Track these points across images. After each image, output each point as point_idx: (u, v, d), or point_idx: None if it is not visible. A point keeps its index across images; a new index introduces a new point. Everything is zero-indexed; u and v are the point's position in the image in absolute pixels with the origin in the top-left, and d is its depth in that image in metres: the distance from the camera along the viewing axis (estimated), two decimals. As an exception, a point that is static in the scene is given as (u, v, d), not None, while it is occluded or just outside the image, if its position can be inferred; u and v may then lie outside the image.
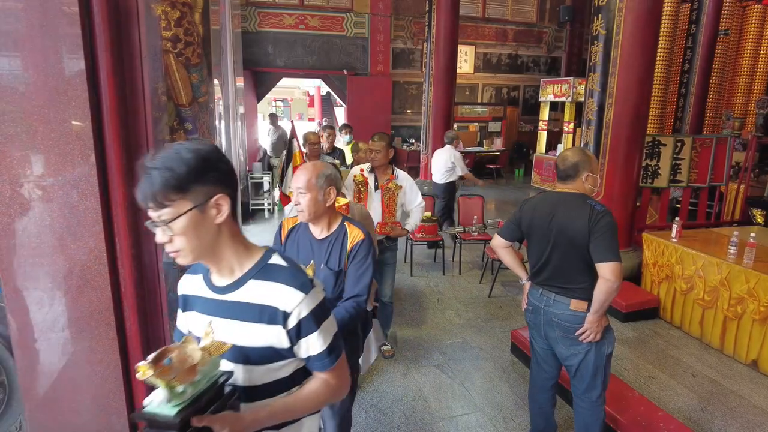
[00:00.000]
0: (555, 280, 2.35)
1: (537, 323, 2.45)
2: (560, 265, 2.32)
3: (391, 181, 3.48)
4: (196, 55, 2.19)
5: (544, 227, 2.35)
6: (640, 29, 4.46)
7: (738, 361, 3.73)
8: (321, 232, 2.08)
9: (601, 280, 2.18)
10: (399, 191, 3.49)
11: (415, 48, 12.29)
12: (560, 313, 2.33)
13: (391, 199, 3.47)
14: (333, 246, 2.05)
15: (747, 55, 9.31)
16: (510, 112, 13.52)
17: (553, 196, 2.40)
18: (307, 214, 1.99)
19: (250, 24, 10.88)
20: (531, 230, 2.42)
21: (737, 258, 3.80)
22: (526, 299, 2.53)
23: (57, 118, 1.76)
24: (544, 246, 2.35)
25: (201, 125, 2.30)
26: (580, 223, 2.21)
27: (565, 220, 2.27)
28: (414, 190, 3.55)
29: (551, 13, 13.25)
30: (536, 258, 2.41)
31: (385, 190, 3.47)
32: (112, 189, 1.87)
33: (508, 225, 2.54)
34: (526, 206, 2.48)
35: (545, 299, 2.39)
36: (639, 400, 2.92)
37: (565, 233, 2.27)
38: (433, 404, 3.15)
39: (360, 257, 2.03)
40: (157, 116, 1.98)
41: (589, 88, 4.91)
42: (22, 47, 1.73)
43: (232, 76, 5.77)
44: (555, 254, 2.32)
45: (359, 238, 2.04)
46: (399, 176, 3.52)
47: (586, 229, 2.19)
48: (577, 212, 2.24)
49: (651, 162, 5.20)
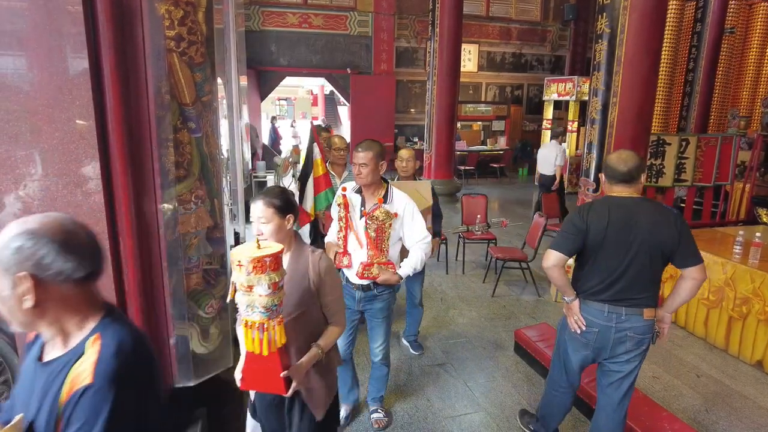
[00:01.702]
0: (627, 293, 2.20)
1: (604, 343, 2.27)
2: (637, 277, 2.17)
3: (379, 208, 2.49)
4: (199, 54, 2.19)
5: (623, 238, 2.15)
6: (645, 27, 4.43)
7: (743, 362, 3.71)
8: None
9: (691, 282, 2.14)
10: (391, 221, 2.51)
11: (418, 47, 12.28)
12: (635, 326, 2.21)
13: (380, 231, 2.50)
14: None
15: (753, 54, 9.25)
16: (514, 110, 13.49)
17: (626, 202, 2.20)
18: None
19: (253, 23, 10.90)
20: (604, 242, 2.18)
21: (742, 258, 3.78)
22: (581, 320, 2.31)
23: (61, 117, 1.77)
24: (621, 258, 2.16)
25: (204, 124, 2.30)
26: (669, 230, 2.11)
27: (652, 227, 2.12)
28: (416, 219, 2.57)
29: (555, 12, 13.21)
30: (608, 272, 2.20)
31: (371, 219, 2.49)
32: (116, 188, 1.87)
33: (568, 238, 2.24)
34: (590, 215, 2.21)
35: (615, 316, 2.22)
36: (643, 400, 2.91)
37: (650, 242, 2.13)
38: (437, 403, 3.15)
39: None
40: (161, 115, 1.98)
41: (593, 87, 4.89)
42: (27, 46, 1.73)
43: (236, 75, 5.77)
44: (634, 266, 2.16)
45: None
46: (394, 200, 2.55)
47: (676, 235, 2.11)
48: (663, 218, 2.13)
49: (655, 161, 5.18)
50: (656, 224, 2.13)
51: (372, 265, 2.52)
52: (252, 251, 1.50)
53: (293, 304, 1.79)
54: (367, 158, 2.45)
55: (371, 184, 2.51)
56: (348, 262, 2.57)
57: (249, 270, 1.47)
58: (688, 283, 2.16)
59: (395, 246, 2.62)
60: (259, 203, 1.78)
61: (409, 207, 2.56)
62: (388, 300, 2.69)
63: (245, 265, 1.47)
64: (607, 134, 4.71)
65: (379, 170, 2.51)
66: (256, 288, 1.49)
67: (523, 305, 4.73)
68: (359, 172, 2.46)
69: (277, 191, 1.83)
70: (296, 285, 1.80)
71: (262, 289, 1.49)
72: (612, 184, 2.26)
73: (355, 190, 2.60)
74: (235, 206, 5.12)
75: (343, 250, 2.57)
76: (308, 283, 1.82)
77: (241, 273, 1.49)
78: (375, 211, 2.49)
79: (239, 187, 5.44)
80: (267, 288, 1.49)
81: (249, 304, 1.52)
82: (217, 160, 2.55)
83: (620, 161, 2.21)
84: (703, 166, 5.38)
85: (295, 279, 1.81)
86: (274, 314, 1.55)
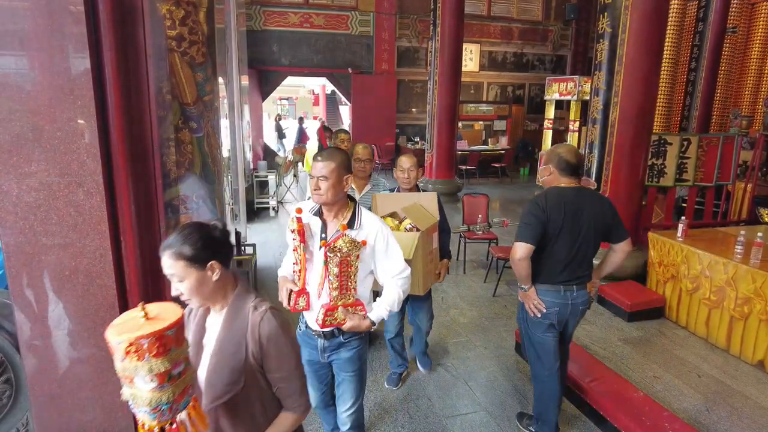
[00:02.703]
0: (577, 272, 2.48)
1: (563, 318, 2.54)
2: (584, 257, 2.48)
3: (342, 236, 1.92)
4: (200, 54, 2.19)
5: (575, 224, 2.40)
6: (646, 27, 4.43)
7: (744, 362, 3.70)
8: None
9: (621, 253, 2.53)
10: (359, 251, 1.94)
11: (420, 46, 12.28)
12: (584, 299, 2.55)
13: (345, 265, 1.92)
14: None
15: (755, 53, 9.23)
16: (515, 110, 13.48)
17: (573, 192, 2.44)
18: None
19: (255, 22, 10.90)
20: (562, 229, 2.39)
21: (744, 258, 3.77)
22: (540, 303, 2.50)
23: (63, 116, 1.77)
24: (574, 242, 2.42)
25: (206, 124, 2.31)
26: (606, 214, 2.46)
27: (594, 213, 2.43)
28: (392, 249, 2.05)
29: (557, 11, 13.19)
30: (564, 256, 2.43)
31: (332, 251, 1.90)
32: (117, 187, 1.88)
33: (533, 228, 2.39)
34: (548, 205, 2.40)
35: (569, 294, 2.49)
36: (644, 400, 2.91)
37: (594, 226, 2.43)
38: (438, 403, 3.15)
39: None
40: (162, 115, 1.99)
41: (594, 87, 4.88)
42: (28, 46, 1.74)
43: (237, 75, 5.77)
44: (582, 248, 2.45)
45: None
46: (363, 224, 2.02)
47: (611, 217, 2.46)
48: (600, 204, 2.47)
49: (657, 161, 5.17)
50: (597, 210, 2.44)
51: (336, 309, 1.97)
52: (128, 326, 1.09)
53: (224, 384, 1.37)
54: (327, 170, 1.91)
55: (333, 203, 1.98)
56: (306, 304, 2.02)
57: (121, 355, 1.06)
58: (619, 254, 2.54)
59: (365, 281, 2.08)
60: (164, 257, 1.33)
61: (383, 233, 2.03)
62: (358, 349, 2.15)
63: (114, 347, 1.06)
64: (609, 134, 4.71)
65: (343, 186, 1.97)
66: (136, 380, 1.09)
67: (524, 305, 4.72)
68: (317, 187, 1.92)
69: (185, 234, 1.34)
70: (227, 357, 1.37)
71: (141, 381, 1.09)
72: (562, 175, 2.46)
73: (313, 211, 2.05)
74: (236, 206, 5.13)
75: (300, 288, 2.01)
76: (244, 354, 1.37)
77: (115, 357, 1.08)
78: (337, 241, 1.90)
79: (240, 186, 5.45)
80: (148, 381, 1.09)
81: (133, 399, 1.12)
82: (218, 160, 2.55)
83: (572, 155, 2.45)
84: (704, 166, 5.37)
85: (227, 349, 1.37)
86: (168, 414, 1.14)
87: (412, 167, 3.13)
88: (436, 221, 2.91)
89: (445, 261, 3.13)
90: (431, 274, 2.96)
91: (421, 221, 2.71)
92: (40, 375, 2.00)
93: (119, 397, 1.13)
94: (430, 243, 2.82)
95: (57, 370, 2.00)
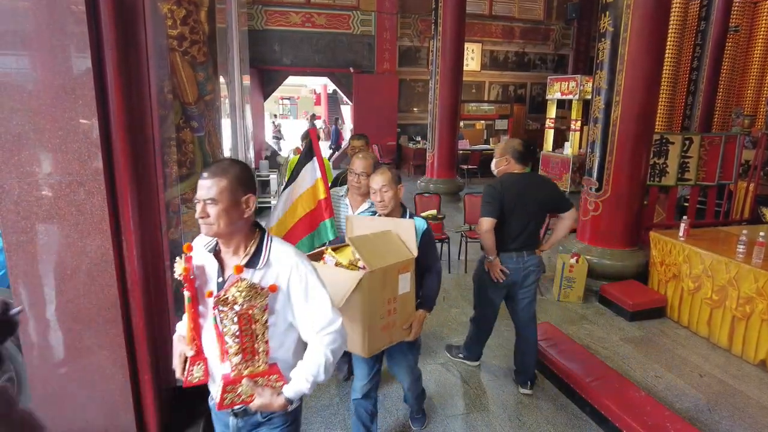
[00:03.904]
0: (527, 240, 3.01)
1: (516, 279, 3.05)
2: (533, 229, 3.02)
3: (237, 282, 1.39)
4: (202, 54, 2.20)
5: (525, 202, 2.94)
6: (648, 26, 4.42)
7: (746, 362, 3.70)
8: None
9: (568, 221, 3.06)
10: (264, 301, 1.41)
11: (421, 46, 12.27)
12: (534, 262, 3.05)
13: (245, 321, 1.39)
14: None
15: (757, 52, 9.20)
16: (517, 109, 13.47)
17: (524, 176, 3.01)
18: None
19: (256, 22, 10.91)
20: (515, 207, 2.92)
21: (746, 257, 3.76)
22: (505, 270, 3.01)
23: (64, 116, 1.78)
24: (524, 217, 2.96)
25: (207, 123, 2.31)
26: (550, 192, 3.03)
27: (541, 192, 3.00)
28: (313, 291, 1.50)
29: (558, 11, 13.17)
30: (518, 228, 2.97)
31: (223, 303, 1.36)
32: (118, 187, 1.88)
33: (493, 205, 2.90)
34: (503, 188, 2.93)
35: (522, 259, 3.02)
36: (645, 399, 2.90)
37: (540, 202, 2.99)
38: (438, 402, 3.15)
39: None
40: (164, 114, 1.99)
41: (596, 86, 4.87)
42: (30, 46, 1.74)
43: (239, 75, 5.78)
44: (531, 221, 2.99)
45: None
46: (271, 261, 1.48)
47: (555, 195, 3.04)
48: (545, 184, 3.07)
49: (659, 160, 5.16)
50: (542, 190, 3.02)
51: (238, 381, 1.43)
52: None
53: None
54: (216, 189, 1.38)
55: (229, 234, 1.45)
56: (203, 373, 1.52)
57: None
58: (567, 222, 3.06)
59: (287, 338, 1.54)
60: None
61: (300, 272, 1.47)
62: (285, 427, 1.60)
63: None
64: (610, 133, 4.70)
65: (242, 209, 1.43)
66: None
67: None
68: (204, 213, 1.40)
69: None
70: None
71: None
72: (517, 163, 3.01)
73: (209, 247, 1.51)
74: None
75: (194, 353, 1.50)
76: None
77: None
78: (229, 290, 1.37)
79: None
80: None
81: None
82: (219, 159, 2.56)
83: (524, 147, 3.03)
84: (706, 165, 5.36)
85: None
86: None
87: (387, 185, 2.28)
88: (410, 259, 2.10)
89: (420, 313, 2.23)
90: (392, 330, 2.10)
91: (382, 256, 2.01)
92: (41, 374, 2.01)
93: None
94: (392, 287, 2.05)
95: (58, 368, 2.00)
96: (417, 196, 5.89)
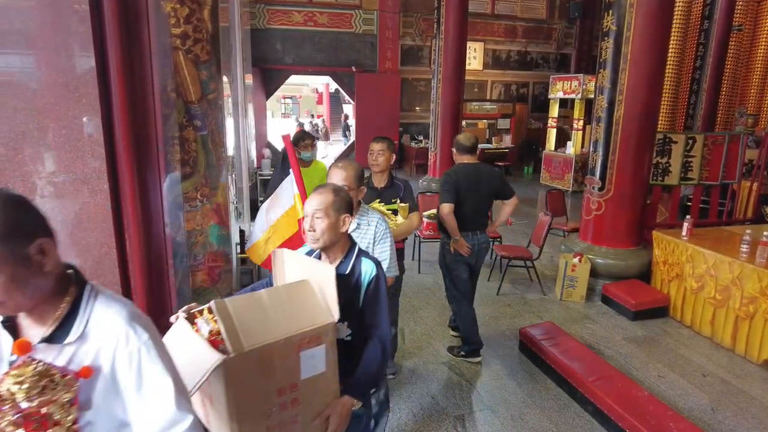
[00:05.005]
0: (478, 221, 3.47)
1: (475, 253, 3.47)
2: (483, 211, 3.50)
3: (22, 365, 0.99)
4: (205, 52, 2.20)
5: (476, 189, 3.38)
6: (652, 25, 4.40)
7: (750, 361, 3.69)
8: None
9: (510, 206, 3.53)
10: (68, 393, 0.99)
11: (423, 45, 12.26)
12: (485, 239, 3.53)
13: (34, 424, 0.96)
14: None
15: (761, 51, 9.17)
16: (519, 109, 13.45)
17: (473, 166, 3.43)
18: None
19: (259, 21, 10.91)
20: (468, 193, 3.35)
21: (749, 257, 3.75)
22: (469, 246, 3.40)
23: (68, 115, 1.78)
24: (476, 202, 3.41)
25: (210, 122, 2.31)
26: (497, 181, 3.50)
27: (489, 180, 3.44)
28: (149, 378, 1.03)
29: (561, 10, 13.14)
30: (472, 211, 3.41)
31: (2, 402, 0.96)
32: (122, 185, 1.88)
33: (450, 192, 3.30)
34: (458, 177, 3.35)
35: (477, 238, 3.46)
36: (648, 399, 2.90)
37: (489, 189, 3.45)
38: (441, 402, 3.15)
39: None
40: (167, 113, 1.99)
41: (599, 85, 4.86)
42: (34, 45, 1.74)
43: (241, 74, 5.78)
44: (482, 205, 3.46)
45: None
46: (93, 328, 1.04)
47: (501, 183, 3.52)
48: (492, 174, 3.52)
49: (661, 159, 5.14)
50: (490, 178, 3.45)
51: None
52: None
53: None
54: None
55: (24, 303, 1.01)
56: None
57: None
58: (509, 206, 3.54)
59: None
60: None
61: (129, 348, 1.03)
62: None
63: None
64: (613, 132, 4.69)
65: (36, 261, 1.01)
66: None
67: (528, 304, 4.72)
68: None
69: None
70: None
71: None
72: (461, 154, 3.45)
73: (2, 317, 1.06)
74: (240, 204, 5.14)
75: None
76: None
77: None
78: (5, 380, 0.98)
79: (244, 185, 5.47)
80: None
81: None
82: (222, 158, 2.56)
83: (467, 140, 3.46)
84: (709, 165, 5.34)
85: None
86: None
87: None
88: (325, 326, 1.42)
89: (346, 400, 1.52)
90: (290, 429, 1.41)
91: (267, 327, 1.35)
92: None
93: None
94: (286, 371, 1.37)
95: (62, 367, 2.00)
96: (419, 195, 5.88)
